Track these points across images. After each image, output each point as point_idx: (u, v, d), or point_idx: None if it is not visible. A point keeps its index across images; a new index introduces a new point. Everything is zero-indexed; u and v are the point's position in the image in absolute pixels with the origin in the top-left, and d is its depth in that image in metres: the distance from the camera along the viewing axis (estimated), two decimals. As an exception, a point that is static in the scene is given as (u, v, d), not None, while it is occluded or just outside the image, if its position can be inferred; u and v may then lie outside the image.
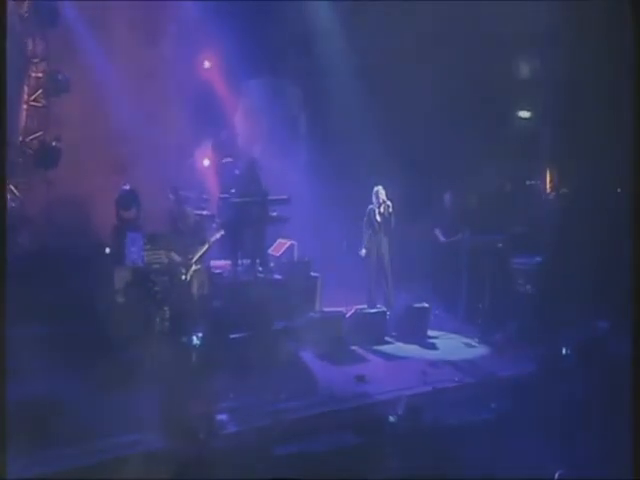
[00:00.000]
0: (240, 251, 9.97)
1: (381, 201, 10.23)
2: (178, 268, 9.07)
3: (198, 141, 10.01)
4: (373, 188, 10.20)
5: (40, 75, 10.75)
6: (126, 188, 9.90)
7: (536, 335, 9.44)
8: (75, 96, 10.72)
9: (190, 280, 9.08)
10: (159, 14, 11.35)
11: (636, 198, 7.46)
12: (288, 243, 10.54)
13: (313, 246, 10.55)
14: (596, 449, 7.13)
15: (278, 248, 10.61)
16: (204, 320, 8.60)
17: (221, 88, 11.16)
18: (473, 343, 9.89)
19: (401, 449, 7.05)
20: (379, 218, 10.29)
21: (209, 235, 9.39)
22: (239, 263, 10.03)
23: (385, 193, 10.11)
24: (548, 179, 12.02)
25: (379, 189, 10.19)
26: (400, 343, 9.81)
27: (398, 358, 9.34)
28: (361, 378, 8.21)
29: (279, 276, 10.12)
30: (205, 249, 9.26)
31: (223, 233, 9.40)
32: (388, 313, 10.05)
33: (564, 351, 9.01)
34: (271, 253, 10.48)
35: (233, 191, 9.97)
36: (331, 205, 10.56)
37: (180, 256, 9.10)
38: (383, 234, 10.30)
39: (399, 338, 9.92)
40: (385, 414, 7.47)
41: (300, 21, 11.28)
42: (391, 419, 7.42)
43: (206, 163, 10.55)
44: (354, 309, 9.80)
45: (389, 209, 10.14)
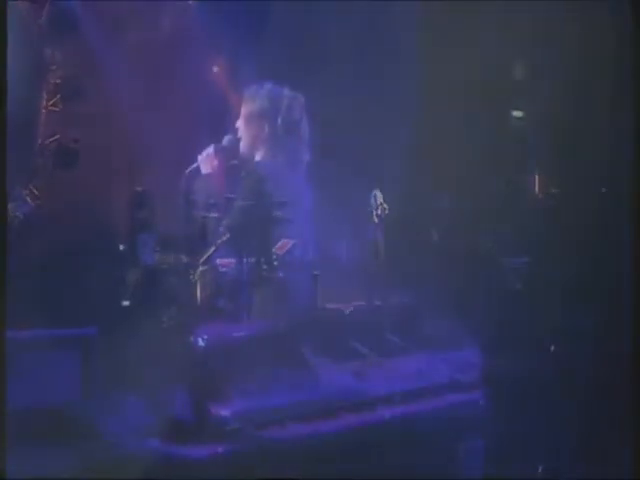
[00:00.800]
0: (245, 251, 10.38)
1: (378, 203, 10.65)
2: (186, 269, 9.54)
3: (205, 145, 10.40)
4: (372, 191, 10.58)
5: (58, 81, 11.23)
6: (139, 190, 10.36)
7: (527, 334, 9.77)
8: (91, 100, 11.21)
9: (197, 280, 9.51)
10: (175, 20, 11.77)
11: (636, 198, 7.77)
12: (291, 243, 10.94)
13: (314, 246, 10.98)
14: (595, 449, 7.40)
15: (282, 247, 11.02)
16: (209, 319, 9.01)
17: (228, 93, 11.56)
18: (468, 342, 9.94)
19: (400, 448, 7.41)
20: (376, 220, 10.70)
21: (216, 237, 9.79)
22: (244, 262, 10.46)
23: (382, 196, 10.50)
24: (537, 179, 12.23)
25: (376, 193, 10.59)
26: (397, 340, 9.98)
27: (396, 355, 9.48)
28: (359, 374, 8.50)
29: (282, 274, 10.48)
30: (212, 251, 9.69)
31: (229, 235, 9.82)
32: (385, 311, 10.46)
33: (554, 349, 9.36)
34: (275, 252, 10.89)
35: (239, 194, 10.33)
36: (331, 206, 10.94)
37: (188, 257, 9.57)
38: (380, 235, 10.70)
39: (396, 336, 10.07)
40: (383, 411, 7.79)
41: (305, 25, 11.60)
42: (389, 416, 7.72)
43: (213, 167, 10.93)
44: (353, 306, 10.13)
45: (386, 211, 10.53)
